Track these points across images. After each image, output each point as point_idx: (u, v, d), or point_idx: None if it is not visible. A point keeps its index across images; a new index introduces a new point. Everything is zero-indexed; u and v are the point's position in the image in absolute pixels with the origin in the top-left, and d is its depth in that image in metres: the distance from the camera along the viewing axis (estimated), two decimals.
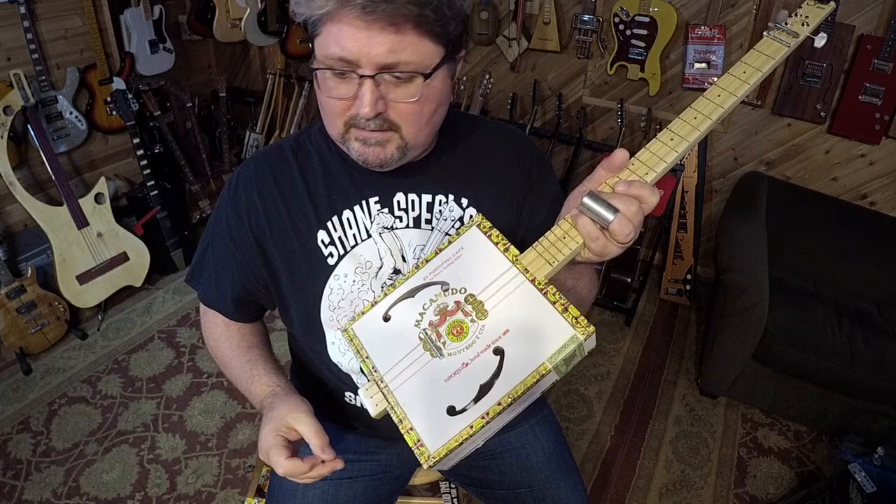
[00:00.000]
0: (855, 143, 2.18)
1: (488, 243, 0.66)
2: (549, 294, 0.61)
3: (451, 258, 0.67)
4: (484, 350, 0.61)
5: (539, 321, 0.60)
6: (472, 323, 0.63)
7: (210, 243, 0.89)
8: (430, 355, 0.63)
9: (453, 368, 0.62)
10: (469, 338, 0.62)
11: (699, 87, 2.33)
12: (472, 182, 0.84)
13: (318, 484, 0.95)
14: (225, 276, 0.88)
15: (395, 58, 0.64)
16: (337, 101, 0.69)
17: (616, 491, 1.79)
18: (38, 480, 1.72)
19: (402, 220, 0.82)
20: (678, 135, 0.62)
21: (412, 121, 0.71)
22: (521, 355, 0.60)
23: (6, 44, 2.10)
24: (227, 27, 2.68)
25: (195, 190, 2.80)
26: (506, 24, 2.60)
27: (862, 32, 2.00)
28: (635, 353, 2.34)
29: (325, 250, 0.82)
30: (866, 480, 1.45)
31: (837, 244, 2.16)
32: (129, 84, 2.46)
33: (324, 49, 0.66)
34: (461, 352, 0.62)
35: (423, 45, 0.65)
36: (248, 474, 1.77)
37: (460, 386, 0.60)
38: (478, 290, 0.64)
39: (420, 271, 0.69)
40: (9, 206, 2.22)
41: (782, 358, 1.84)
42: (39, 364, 2.14)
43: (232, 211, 0.84)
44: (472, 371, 0.61)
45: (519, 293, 0.62)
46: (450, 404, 0.60)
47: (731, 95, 0.62)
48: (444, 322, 0.64)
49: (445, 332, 0.64)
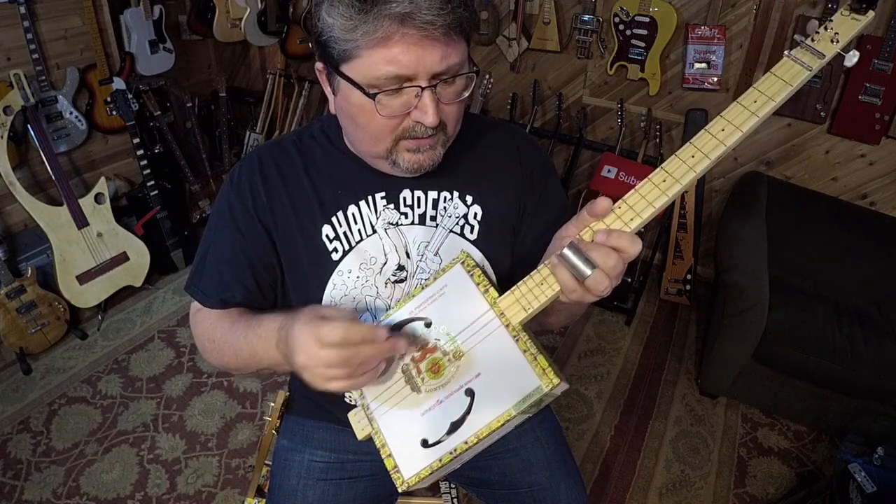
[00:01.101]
0: (855, 143, 2.18)
1: (470, 283, 0.68)
2: (521, 342, 0.63)
3: (434, 295, 0.70)
4: (457, 390, 0.65)
5: (509, 368, 0.63)
6: (448, 362, 0.66)
7: (212, 244, 0.85)
8: (409, 388, 0.68)
9: (429, 404, 0.66)
10: (445, 376, 0.66)
11: (699, 87, 2.33)
12: (477, 180, 0.85)
13: (319, 484, 0.96)
14: (231, 273, 0.83)
15: (446, 64, 0.67)
16: (387, 120, 0.70)
17: (616, 491, 1.79)
18: (38, 480, 1.72)
19: (407, 217, 0.83)
20: (672, 176, 0.57)
21: (455, 117, 0.74)
22: (489, 398, 0.63)
23: (6, 44, 2.10)
24: (227, 27, 2.68)
25: (195, 190, 2.80)
26: (506, 24, 2.60)
27: (862, 32, 2.00)
28: (635, 353, 2.34)
29: (330, 245, 0.82)
30: (866, 480, 1.45)
31: (837, 244, 2.16)
32: (129, 84, 2.46)
33: (370, 70, 0.66)
34: (437, 389, 0.66)
35: (462, 44, 0.69)
36: (248, 474, 1.77)
37: (434, 421, 0.65)
38: (456, 330, 0.67)
39: (406, 305, 0.71)
40: (9, 206, 2.21)
41: (782, 358, 1.84)
42: (39, 364, 2.14)
43: (237, 203, 0.82)
44: (445, 408, 0.65)
45: (493, 338, 0.65)
46: (423, 437, 0.65)
47: (737, 130, 0.56)
48: (425, 358, 0.68)
49: (425, 368, 0.67)
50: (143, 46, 2.52)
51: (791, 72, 0.54)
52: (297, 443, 1.00)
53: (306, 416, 1.03)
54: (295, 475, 0.97)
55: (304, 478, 0.96)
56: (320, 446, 0.99)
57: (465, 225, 0.84)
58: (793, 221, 2.20)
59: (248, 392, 2.06)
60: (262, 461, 1.14)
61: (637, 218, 0.58)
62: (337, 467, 0.98)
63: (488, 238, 0.84)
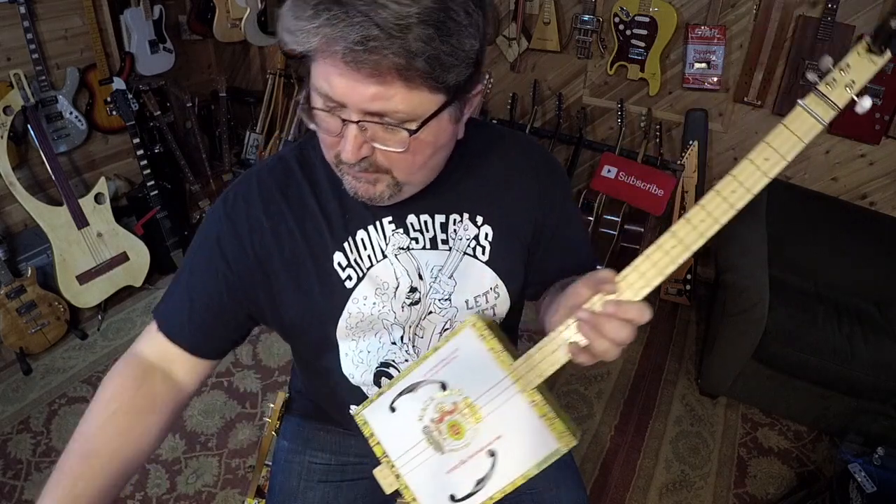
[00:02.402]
0: (855, 143, 2.18)
1: (482, 348, 0.69)
2: (538, 407, 0.66)
3: (447, 358, 0.72)
4: (479, 451, 0.69)
5: (528, 432, 0.67)
6: (468, 425, 0.70)
7: (191, 266, 0.79)
8: (433, 450, 0.72)
9: (453, 463, 0.70)
10: (466, 438, 0.70)
11: (699, 87, 2.33)
12: (488, 198, 0.80)
13: (319, 486, 0.95)
14: (202, 301, 0.77)
15: (381, 106, 0.58)
16: (327, 135, 0.65)
17: (616, 491, 1.79)
18: (38, 480, 1.72)
19: (418, 242, 0.79)
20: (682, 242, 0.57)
21: (402, 166, 0.65)
22: (511, 459, 0.68)
23: (6, 44, 2.10)
24: (227, 27, 2.68)
25: (195, 190, 2.80)
26: (506, 24, 2.60)
27: (862, 32, 1.99)
28: (635, 353, 2.34)
29: (343, 273, 0.77)
30: (866, 480, 1.45)
31: (837, 244, 2.16)
32: (129, 84, 2.46)
33: (315, 79, 0.61)
34: (459, 449, 0.70)
35: (414, 95, 0.58)
36: (248, 474, 1.77)
37: (460, 478, 0.70)
38: (473, 395, 0.70)
39: (420, 367, 0.73)
40: (9, 206, 2.21)
41: (782, 358, 1.84)
42: (39, 364, 2.14)
43: (228, 232, 0.76)
44: (470, 467, 0.70)
45: (511, 403, 0.68)
46: (451, 493, 0.70)
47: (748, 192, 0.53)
48: (444, 420, 0.71)
49: (446, 430, 0.71)
50: (143, 46, 2.52)
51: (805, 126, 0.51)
52: (297, 444, 1.00)
53: (307, 418, 1.03)
54: (295, 476, 0.96)
55: (304, 479, 0.96)
56: (321, 448, 0.99)
57: (476, 246, 0.80)
58: (793, 221, 2.20)
59: (248, 392, 2.06)
60: (262, 462, 1.14)
61: (647, 287, 0.59)
62: (337, 470, 0.98)
63: (500, 257, 0.81)
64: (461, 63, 0.59)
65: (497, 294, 0.82)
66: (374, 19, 0.52)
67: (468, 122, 0.72)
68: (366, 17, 0.52)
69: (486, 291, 0.81)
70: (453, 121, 0.66)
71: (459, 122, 0.68)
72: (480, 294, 0.81)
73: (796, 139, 0.51)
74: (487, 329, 0.70)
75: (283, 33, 0.58)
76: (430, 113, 0.60)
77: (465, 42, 0.58)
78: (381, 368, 0.84)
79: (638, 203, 2.40)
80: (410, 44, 0.53)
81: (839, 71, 0.49)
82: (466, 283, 0.81)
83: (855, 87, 0.49)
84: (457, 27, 0.56)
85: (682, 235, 0.56)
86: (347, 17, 0.52)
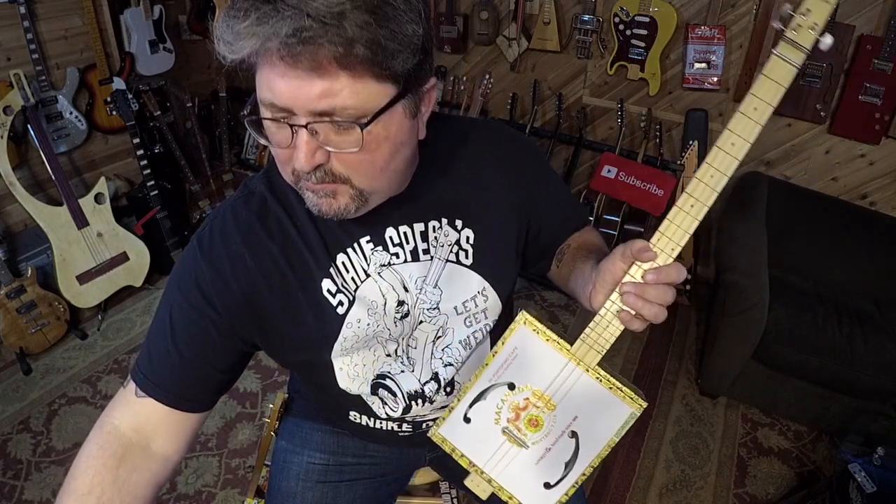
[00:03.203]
0: (855, 143, 2.17)
1: (539, 341, 0.72)
2: (604, 381, 0.70)
3: (508, 359, 0.74)
4: (560, 436, 0.73)
5: (601, 405, 0.71)
6: (544, 415, 0.73)
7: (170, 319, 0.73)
8: (517, 447, 0.75)
9: (539, 454, 0.75)
10: (545, 428, 0.74)
11: (699, 87, 2.32)
12: (464, 200, 0.78)
13: (318, 486, 0.95)
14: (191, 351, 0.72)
15: (328, 104, 0.55)
16: (280, 150, 0.61)
17: (616, 491, 1.79)
18: (38, 480, 1.73)
19: (398, 256, 0.77)
20: (699, 200, 0.61)
21: (361, 171, 0.62)
22: (593, 434, 0.73)
23: (6, 44, 2.10)
24: None
25: (195, 190, 2.80)
26: (506, 24, 2.60)
27: (862, 32, 2.00)
28: (635, 353, 2.34)
29: (334, 300, 0.75)
30: (866, 480, 1.45)
31: (837, 244, 2.16)
32: (129, 84, 2.46)
33: (259, 91, 0.58)
34: (542, 440, 0.74)
35: (361, 86, 0.55)
36: (248, 474, 1.77)
37: (550, 466, 0.74)
38: (542, 386, 0.73)
39: (484, 374, 0.75)
40: (9, 206, 2.22)
41: (782, 358, 1.84)
42: (39, 364, 2.15)
43: (209, 272, 0.71)
44: (556, 453, 0.74)
45: (580, 384, 0.71)
46: (545, 481, 0.75)
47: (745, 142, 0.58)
48: (520, 418, 0.74)
49: (524, 426, 0.74)
50: (143, 46, 2.52)
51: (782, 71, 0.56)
52: (295, 444, 1.00)
53: (305, 419, 1.03)
54: (294, 477, 0.97)
55: (302, 479, 0.96)
56: (319, 448, 0.99)
57: (458, 251, 0.79)
58: (793, 221, 2.20)
59: (248, 392, 2.07)
60: (262, 462, 1.14)
61: (677, 247, 0.63)
62: (336, 470, 0.98)
63: (483, 260, 0.80)
64: (405, 49, 0.56)
65: (486, 297, 0.81)
66: (306, 10, 0.51)
67: (431, 120, 0.69)
68: (296, 10, 0.50)
69: (473, 296, 0.81)
70: (409, 115, 0.63)
71: (417, 117, 0.65)
72: (468, 299, 0.81)
73: (777, 85, 0.56)
74: (539, 323, 0.72)
75: (219, 45, 0.55)
76: (382, 106, 0.58)
77: (406, 27, 0.56)
78: (377, 380, 0.84)
79: (638, 203, 2.40)
80: (347, 30, 0.51)
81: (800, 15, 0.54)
82: (453, 290, 0.80)
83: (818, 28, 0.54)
84: (394, 11, 0.54)
85: (697, 194, 0.61)
86: (277, 12, 0.51)
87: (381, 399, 0.85)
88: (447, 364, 0.84)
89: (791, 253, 2.17)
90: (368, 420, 0.89)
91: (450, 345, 0.83)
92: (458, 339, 0.83)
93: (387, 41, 0.54)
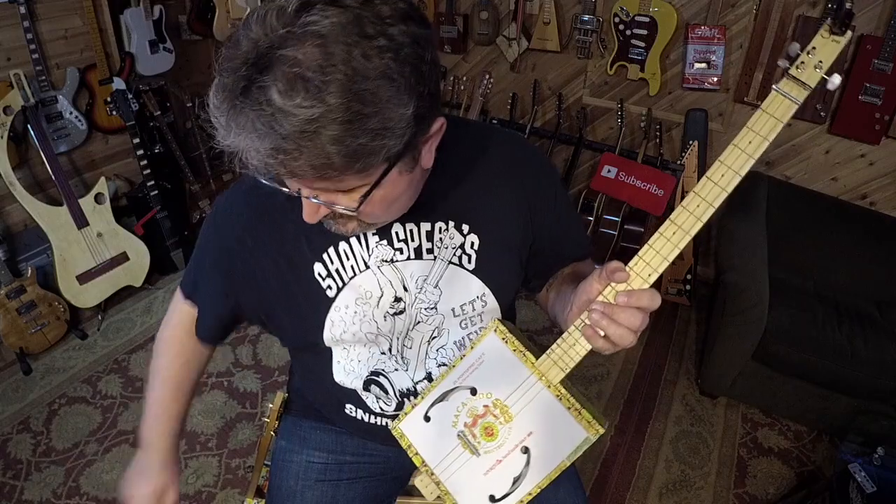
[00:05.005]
0: (855, 143, 2.18)
1: (506, 350, 0.72)
2: (564, 399, 0.69)
3: (474, 364, 0.74)
4: (513, 449, 0.73)
5: (557, 424, 0.70)
6: (500, 425, 0.73)
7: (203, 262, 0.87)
8: (469, 453, 0.75)
9: (490, 464, 0.74)
10: (499, 438, 0.73)
11: (699, 87, 2.33)
12: (474, 205, 0.79)
13: (317, 485, 0.95)
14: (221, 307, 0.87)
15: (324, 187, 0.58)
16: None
17: (616, 491, 1.79)
18: (38, 480, 1.73)
19: (402, 252, 0.78)
20: (681, 228, 0.60)
21: (366, 215, 0.65)
22: (544, 453, 0.71)
23: (6, 44, 2.10)
24: (227, 27, 2.68)
25: (195, 190, 2.80)
26: (506, 24, 2.60)
27: (862, 32, 2.00)
28: (635, 353, 2.34)
29: (323, 283, 0.79)
30: (866, 480, 1.45)
31: (837, 244, 2.16)
32: (129, 84, 2.46)
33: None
34: (494, 450, 0.74)
35: (347, 182, 0.57)
36: (248, 474, 1.77)
37: (498, 478, 0.74)
38: (503, 396, 0.73)
39: (450, 376, 0.76)
40: (9, 206, 2.22)
41: (782, 358, 1.84)
42: (39, 364, 2.15)
43: (221, 251, 0.82)
44: (505, 466, 0.73)
45: (539, 399, 0.71)
46: (491, 493, 0.74)
47: (736, 175, 0.57)
48: (477, 424, 0.74)
49: (479, 433, 0.74)
50: (143, 46, 2.52)
51: (781, 108, 0.55)
52: (294, 443, 1.00)
53: (304, 418, 1.03)
54: (293, 476, 0.97)
55: (301, 479, 0.96)
56: (318, 447, 0.99)
57: (462, 255, 0.80)
58: (793, 221, 2.20)
59: (248, 392, 2.07)
60: (262, 462, 1.14)
61: (654, 273, 0.62)
62: (335, 468, 0.98)
63: (487, 266, 0.80)
64: (392, 136, 0.54)
65: (485, 302, 0.82)
66: (279, 131, 0.50)
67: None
68: (270, 129, 0.50)
69: (472, 300, 0.81)
70: (407, 171, 0.62)
71: (417, 165, 0.64)
72: (467, 302, 0.81)
73: (775, 120, 0.55)
74: (509, 332, 0.73)
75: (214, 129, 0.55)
76: (374, 182, 0.58)
77: (393, 114, 0.53)
78: (370, 377, 0.85)
79: (638, 203, 2.40)
80: (323, 147, 0.51)
81: (807, 54, 0.53)
82: (453, 292, 0.81)
83: (823, 66, 0.52)
84: (375, 109, 0.52)
85: (680, 222, 0.60)
86: (254, 129, 0.51)
87: (374, 395, 0.88)
88: (441, 364, 0.85)
89: (791, 253, 2.17)
90: (364, 415, 0.91)
91: (444, 345, 0.84)
92: (452, 341, 0.84)
93: (366, 145, 0.53)
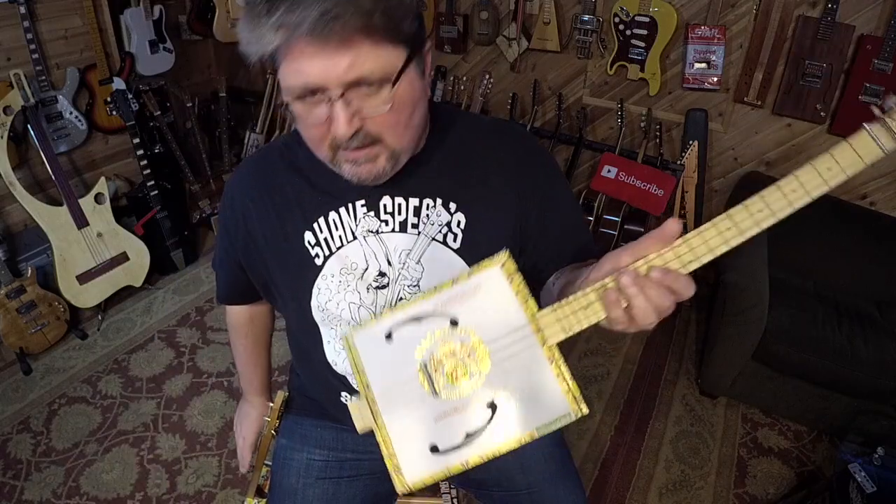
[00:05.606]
0: None
1: (508, 289, 0.62)
2: (555, 364, 0.59)
3: (466, 293, 0.63)
4: (478, 401, 0.61)
5: (539, 388, 0.60)
6: (472, 371, 0.62)
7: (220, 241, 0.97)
8: (425, 390, 0.63)
9: (445, 410, 0.62)
10: (467, 384, 0.62)
11: (699, 87, 2.32)
12: (463, 186, 0.80)
13: (318, 483, 0.96)
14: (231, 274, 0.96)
15: (357, 73, 0.62)
16: (315, 129, 0.68)
17: (616, 491, 1.79)
18: (38, 480, 1.73)
19: (387, 224, 0.81)
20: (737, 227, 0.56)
21: (392, 128, 0.68)
22: (512, 416, 0.60)
23: (6, 44, 2.10)
24: (227, 27, 2.68)
25: (195, 190, 2.80)
26: (506, 24, 2.60)
27: (862, 32, 2.00)
28: (635, 353, 2.34)
29: (312, 251, 0.83)
30: (866, 480, 1.45)
31: (837, 244, 2.16)
32: (129, 84, 2.46)
33: (287, 80, 0.64)
34: (455, 397, 0.62)
35: (382, 52, 0.63)
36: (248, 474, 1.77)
37: (448, 429, 0.61)
38: (487, 338, 0.62)
39: (432, 298, 0.64)
40: (9, 206, 2.22)
41: (782, 358, 1.84)
42: (39, 364, 2.15)
43: (231, 219, 0.89)
44: (463, 417, 0.61)
45: (527, 354, 0.60)
46: (433, 442, 0.61)
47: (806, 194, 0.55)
48: (445, 361, 0.63)
49: (446, 372, 0.63)
50: (143, 46, 2.52)
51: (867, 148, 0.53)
52: (295, 441, 1.01)
53: (305, 415, 1.03)
54: (294, 474, 0.97)
55: (303, 476, 0.96)
56: (319, 445, 0.99)
57: (447, 233, 0.80)
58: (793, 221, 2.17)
59: None
60: (262, 461, 1.14)
61: (696, 262, 0.57)
62: (336, 466, 0.98)
63: (472, 248, 0.80)
64: (409, 13, 0.65)
65: None
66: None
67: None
68: None
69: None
70: (420, 75, 0.70)
71: (425, 76, 0.72)
72: None
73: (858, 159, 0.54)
74: (517, 272, 0.62)
75: (246, 46, 0.62)
76: (400, 66, 0.65)
77: None
78: None
79: (638, 203, 2.40)
80: (363, 4, 0.58)
81: None
82: (435, 270, 0.81)
83: None
84: None
85: (738, 220, 0.56)
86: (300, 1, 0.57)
87: None
88: None
89: (791, 253, 2.17)
90: None
91: None
92: None
93: (395, 8, 0.62)
